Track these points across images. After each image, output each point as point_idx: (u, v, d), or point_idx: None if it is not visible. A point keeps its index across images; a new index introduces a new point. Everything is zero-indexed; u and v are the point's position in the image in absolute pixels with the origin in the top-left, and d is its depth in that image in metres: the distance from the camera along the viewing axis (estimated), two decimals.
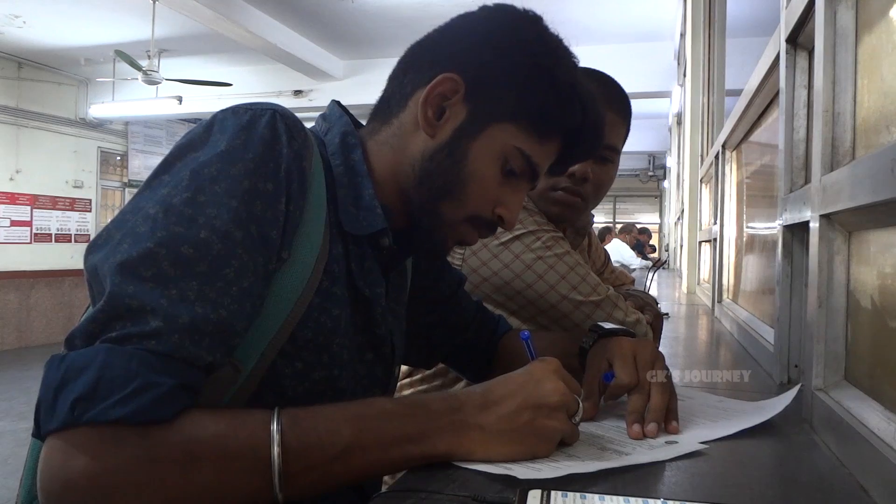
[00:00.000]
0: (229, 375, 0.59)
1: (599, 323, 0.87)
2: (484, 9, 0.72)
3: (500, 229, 0.75)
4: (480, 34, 0.70)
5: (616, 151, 1.16)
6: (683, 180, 4.35)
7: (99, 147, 8.99)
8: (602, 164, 1.14)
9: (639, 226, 9.26)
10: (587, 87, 0.72)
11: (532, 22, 0.71)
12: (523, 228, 1.09)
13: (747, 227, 1.65)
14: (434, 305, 0.94)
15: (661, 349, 0.78)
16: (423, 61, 0.71)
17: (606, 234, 7.72)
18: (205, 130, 0.60)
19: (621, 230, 7.73)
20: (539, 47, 0.69)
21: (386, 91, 0.75)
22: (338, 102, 0.77)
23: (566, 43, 0.72)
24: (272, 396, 0.61)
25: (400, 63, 0.74)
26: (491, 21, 0.71)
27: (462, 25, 0.72)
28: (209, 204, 0.55)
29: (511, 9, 0.71)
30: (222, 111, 0.61)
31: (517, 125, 0.68)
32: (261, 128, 0.60)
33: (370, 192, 0.69)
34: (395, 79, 0.74)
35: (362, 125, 0.77)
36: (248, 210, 0.57)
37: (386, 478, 0.77)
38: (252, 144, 0.58)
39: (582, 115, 0.71)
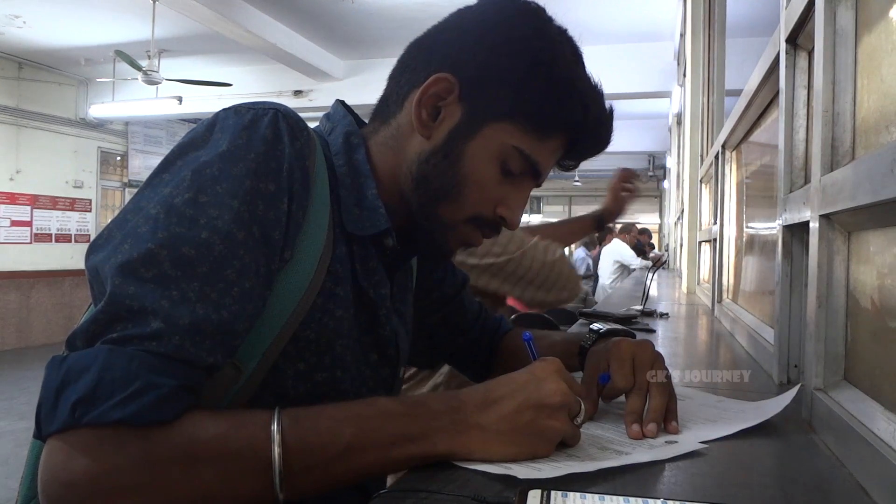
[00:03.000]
0: (230, 376, 0.59)
1: (599, 324, 0.87)
2: (482, 3, 0.71)
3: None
4: (476, 31, 0.69)
5: None
6: (683, 180, 4.34)
7: (99, 147, 8.98)
8: None
9: (639, 226, 9.24)
10: (589, 81, 0.70)
11: (531, 15, 0.69)
12: None
13: (747, 227, 1.65)
14: (439, 306, 0.94)
15: (660, 349, 0.78)
16: (419, 60, 0.70)
17: (607, 233, 7.71)
18: (206, 130, 0.60)
19: (621, 230, 7.71)
20: (537, 42, 0.67)
21: (386, 90, 0.74)
22: (342, 102, 0.77)
23: (570, 35, 0.70)
24: (274, 398, 0.61)
25: (399, 62, 0.73)
26: (488, 16, 0.69)
27: (459, 22, 0.71)
28: (210, 204, 0.55)
29: (510, 2, 0.69)
30: (224, 110, 0.61)
31: (515, 124, 0.67)
32: (263, 127, 0.59)
33: (373, 193, 0.69)
34: (393, 78, 0.74)
35: (366, 124, 0.76)
36: (249, 210, 0.57)
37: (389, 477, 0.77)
38: (254, 144, 0.58)
39: (583, 111, 0.68)
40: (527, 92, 0.67)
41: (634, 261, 6.92)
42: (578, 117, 0.69)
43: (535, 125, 0.68)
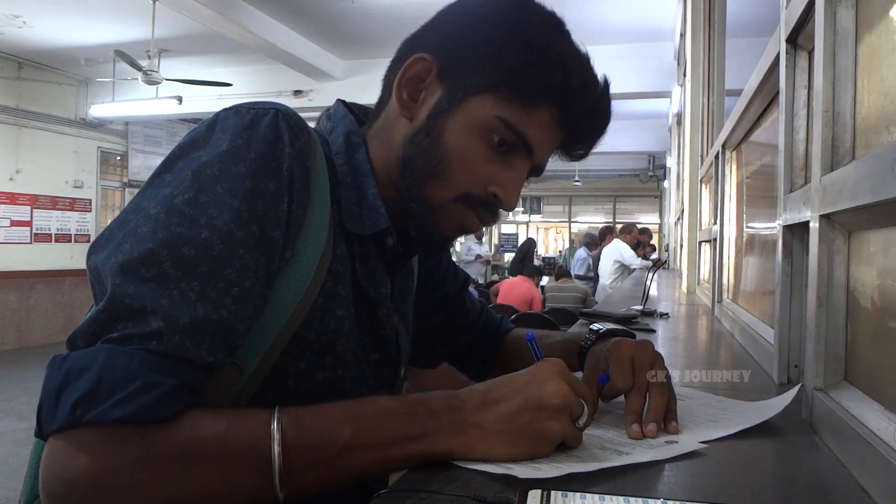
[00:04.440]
0: (232, 375, 0.59)
1: (599, 325, 0.87)
2: None
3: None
4: (456, 15, 0.70)
5: None
6: (683, 180, 4.34)
7: (99, 147, 8.97)
8: None
9: (639, 226, 9.25)
10: (571, 47, 0.68)
11: (517, 2, 0.69)
12: None
13: (747, 227, 1.65)
14: (440, 305, 0.94)
15: (660, 349, 0.78)
16: (403, 52, 0.71)
17: (607, 233, 7.71)
18: (207, 130, 0.60)
19: (621, 230, 7.71)
20: (513, 13, 0.67)
21: (381, 90, 0.75)
22: (343, 101, 0.77)
23: (557, 17, 0.69)
24: (275, 397, 0.61)
25: (391, 60, 0.74)
26: (472, 4, 0.70)
27: (443, 12, 0.72)
28: (211, 204, 0.55)
29: None
30: (225, 110, 0.61)
31: (496, 95, 0.66)
32: (263, 127, 0.60)
33: (373, 192, 0.69)
34: (386, 76, 0.74)
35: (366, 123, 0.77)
36: (249, 210, 0.57)
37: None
38: (254, 144, 0.59)
39: (564, 75, 0.66)
40: (504, 60, 0.65)
41: (635, 261, 6.91)
42: (559, 83, 0.66)
43: (518, 94, 0.66)
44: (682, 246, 4.21)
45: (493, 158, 0.68)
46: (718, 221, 2.04)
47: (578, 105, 0.68)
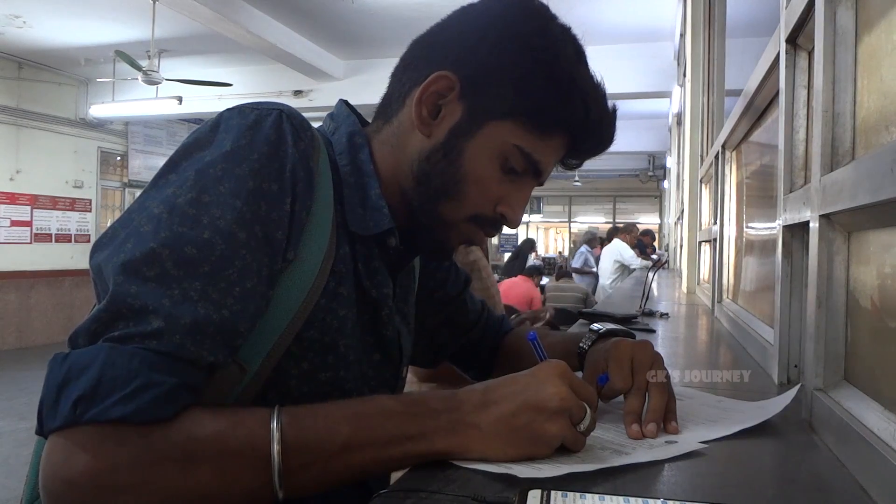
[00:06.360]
0: (234, 375, 0.59)
1: (598, 325, 0.87)
2: (485, 1, 0.70)
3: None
4: (478, 29, 0.68)
5: None
6: (683, 180, 4.34)
7: (99, 147, 8.97)
8: None
9: (641, 227, 9.26)
10: (592, 80, 0.69)
11: (534, 13, 0.68)
12: None
13: (747, 227, 1.65)
14: (442, 306, 0.94)
15: (660, 349, 0.78)
16: (421, 58, 0.70)
17: (612, 234, 7.71)
18: (211, 130, 0.60)
19: (622, 230, 7.72)
20: (539, 41, 0.67)
21: (388, 89, 0.74)
22: (345, 102, 0.77)
23: (573, 33, 0.70)
24: (278, 397, 0.61)
25: (401, 60, 0.73)
26: (490, 14, 0.69)
27: (461, 19, 0.70)
28: (213, 204, 0.55)
29: (513, 0, 0.69)
30: (228, 110, 0.61)
31: (516, 122, 0.66)
32: (266, 128, 0.60)
33: (377, 192, 0.69)
34: (395, 76, 0.73)
35: (370, 123, 0.76)
36: (252, 210, 0.57)
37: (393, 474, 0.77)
38: (257, 144, 0.59)
39: (584, 110, 0.68)
40: (528, 90, 0.66)
41: (635, 261, 6.92)
42: (580, 116, 0.68)
43: (537, 124, 0.67)
44: (682, 246, 4.21)
45: (503, 180, 0.69)
46: (718, 221, 2.04)
47: (592, 137, 0.71)
